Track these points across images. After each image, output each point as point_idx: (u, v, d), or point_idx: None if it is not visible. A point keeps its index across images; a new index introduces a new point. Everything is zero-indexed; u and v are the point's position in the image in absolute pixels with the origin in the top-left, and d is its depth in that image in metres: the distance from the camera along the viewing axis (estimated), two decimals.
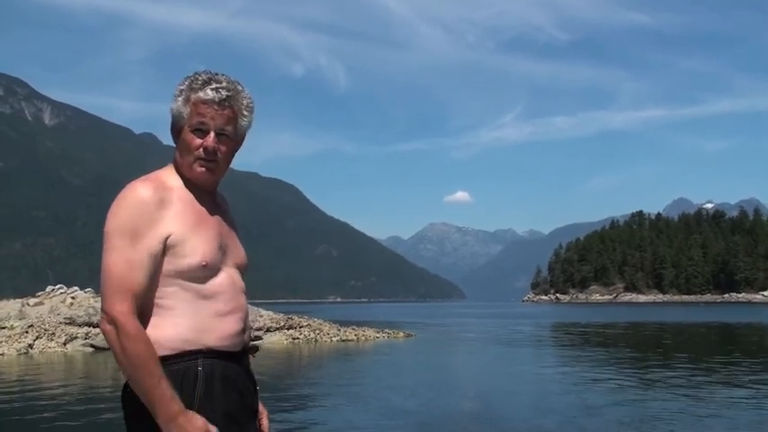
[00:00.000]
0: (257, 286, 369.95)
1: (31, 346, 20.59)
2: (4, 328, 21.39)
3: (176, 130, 2.28)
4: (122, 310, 2.05)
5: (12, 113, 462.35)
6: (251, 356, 2.42)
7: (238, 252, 2.39)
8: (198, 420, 2.05)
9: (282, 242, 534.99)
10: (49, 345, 20.90)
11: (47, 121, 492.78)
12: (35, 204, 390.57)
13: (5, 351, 19.89)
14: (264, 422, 2.43)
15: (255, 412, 2.37)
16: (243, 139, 2.36)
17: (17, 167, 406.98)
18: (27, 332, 21.12)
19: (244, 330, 2.31)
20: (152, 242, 2.12)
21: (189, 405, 2.09)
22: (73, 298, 24.05)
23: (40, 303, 23.88)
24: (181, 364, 2.13)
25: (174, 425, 2.03)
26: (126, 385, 2.17)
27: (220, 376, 2.18)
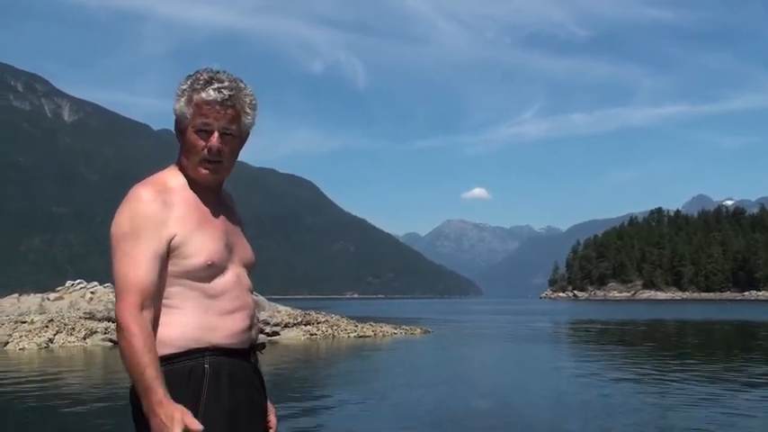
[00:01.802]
0: (274, 282, 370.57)
1: (51, 340, 20.74)
2: (24, 322, 21.55)
3: (180, 130, 2.29)
4: (129, 310, 2.07)
5: (31, 110, 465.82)
6: (259, 353, 2.42)
7: (245, 250, 2.40)
8: (174, 410, 2.01)
9: (300, 238, 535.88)
10: (69, 339, 21.03)
11: (66, 118, 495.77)
12: (55, 200, 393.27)
13: (26, 345, 20.06)
14: (272, 419, 2.43)
15: (264, 409, 2.39)
16: (247, 136, 2.36)
17: (37, 164, 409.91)
18: (47, 327, 21.27)
19: (250, 327, 2.32)
20: (156, 243, 2.13)
21: (195, 402, 2.12)
22: (92, 293, 24.21)
23: (60, 298, 24.05)
24: (187, 362, 2.16)
25: (155, 411, 2.02)
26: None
27: (227, 373, 2.20)
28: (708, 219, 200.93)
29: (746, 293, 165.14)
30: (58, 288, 25.44)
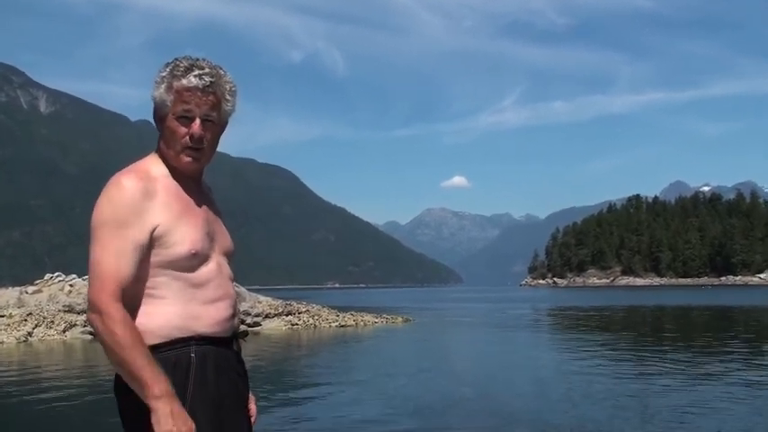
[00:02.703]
0: (255, 272, 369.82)
1: (30, 333, 20.58)
2: (2, 316, 21.35)
3: (159, 118, 2.26)
4: (107, 298, 2.05)
5: (7, 101, 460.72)
6: (241, 341, 2.43)
7: (225, 239, 2.40)
8: (181, 410, 2.06)
9: (280, 228, 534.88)
10: (48, 332, 20.89)
11: (42, 110, 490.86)
12: (32, 193, 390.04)
13: (4, 339, 19.87)
14: (252, 407, 2.45)
15: (246, 398, 2.40)
16: (226, 123, 2.34)
17: (13, 156, 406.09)
18: (26, 320, 21.11)
19: (233, 316, 2.33)
20: (138, 233, 2.12)
21: (182, 391, 2.12)
22: (71, 285, 24.02)
23: (39, 291, 23.85)
24: (173, 352, 2.15)
25: (163, 402, 2.02)
26: (118, 374, 2.17)
27: (213, 362, 2.21)
28: (685, 205, 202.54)
29: (723, 279, 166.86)
30: (37, 281, 25.23)
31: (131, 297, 2.12)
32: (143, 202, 2.14)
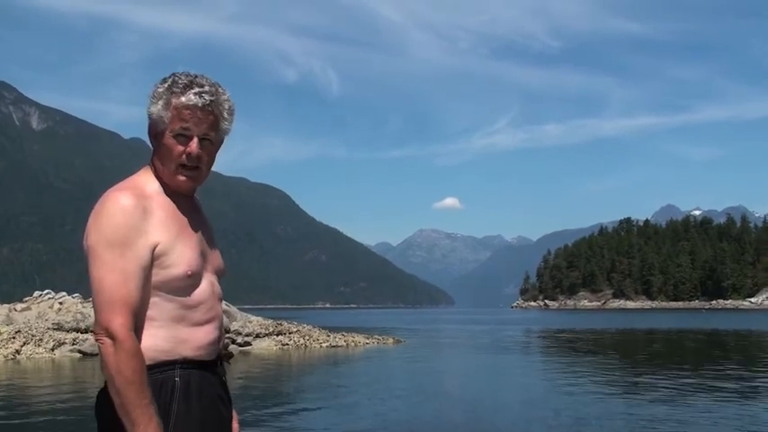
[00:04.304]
0: (246, 292, 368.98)
1: (18, 351, 20.43)
2: None
3: (154, 134, 2.21)
4: (121, 323, 2.00)
5: None
6: (227, 363, 2.41)
7: (217, 258, 2.35)
8: None
9: (271, 248, 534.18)
10: (37, 350, 20.74)
11: (34, 126, 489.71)
12: (23, 209, 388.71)
13: None
14: (235, 426, 2.41)
15: (229, 420, 2.35)
16: (222, 142, 2.29)
17: (5, 172, 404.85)
18: (14, 338, 20.96)
19: (219, 339, 2.28)
20: (141, 252, 2.07)
21: (166, 415, 2.08)
22: (60, 303, 23.91)
23: (28, 309, 23.72)
24: (158, 375, 2.10)
25: None
26: (100, 394, 2.13)
27: (197, 386, 2.17)
28: (676, 228, 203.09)
29: (714, 302, 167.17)
30: (26, 298, 25.11)
31: (136, 320, 2.08)
32: (143, 221, 2.09)
